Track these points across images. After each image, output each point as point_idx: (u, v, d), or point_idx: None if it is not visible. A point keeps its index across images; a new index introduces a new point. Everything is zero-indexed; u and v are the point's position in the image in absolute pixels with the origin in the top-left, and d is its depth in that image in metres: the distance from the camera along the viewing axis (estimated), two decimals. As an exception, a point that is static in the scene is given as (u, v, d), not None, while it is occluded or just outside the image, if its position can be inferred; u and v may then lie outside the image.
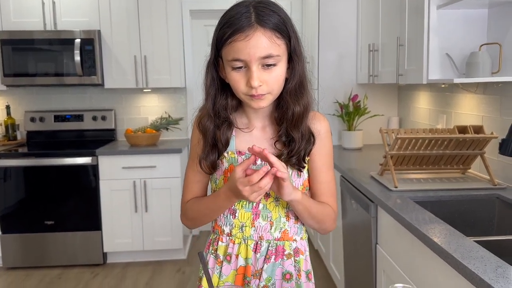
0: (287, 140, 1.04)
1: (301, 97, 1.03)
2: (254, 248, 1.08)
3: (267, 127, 1.09)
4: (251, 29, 0.93)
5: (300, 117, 1.03)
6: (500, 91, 2.08)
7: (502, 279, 1.10)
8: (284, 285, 1.09)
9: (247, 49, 0.93)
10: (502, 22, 2.03)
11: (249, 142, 1.06)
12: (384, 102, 3.41)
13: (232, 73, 0.97)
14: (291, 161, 1.04)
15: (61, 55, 3.49)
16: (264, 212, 1.07)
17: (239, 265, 1.09)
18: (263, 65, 0.95)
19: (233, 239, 1.09)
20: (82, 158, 3.40)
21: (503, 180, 2.05)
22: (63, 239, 3.46)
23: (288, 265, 1.09)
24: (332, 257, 2.99)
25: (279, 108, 1.06)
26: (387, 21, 2.74)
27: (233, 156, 1.07)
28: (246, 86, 0.96)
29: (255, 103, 0.99)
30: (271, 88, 0.98)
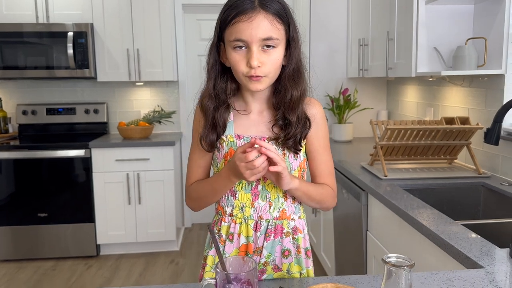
0: (284, 123, 1.10)
1: (298, 82, 1.09)
2: (254, 227, 1.14)
3: (264, 111, 1.14)
4: (254, 11, 0.98)
5: (297, 101, 1.09)
6: (485, 84, 2.16)
7: (487, 256, 1.17)
8: (283, 261, 1.15)
9: (249, 30, 0.98)
10: (487, 17, 2.11)
11: (247, 126, 1.12)
12: (373, 96, 3.49)
13: (233, 54, 1.02)
14: (288, 143, 1.09)
15: (53, 48, 3.50)
16: (263, 193, 1.13)
17: (241, 243, 1.14)
18: (263, 47, 1.01)
19: (234, 219, 1.14)
20: (75, 150, 3.42)
21: (487, 169, 2.14)
22: (56, 231, 3.48)
23: (287, 243, 1.15)
24: (323, 246, 3.07)
25: (276, 93, 1.11)
26: (377, 16, 2.82)
27: (232, 140, 1.12)
28: (246, 67, 1.01)
29: (253, 85, 1.04)
30: (269, 71, 1.03)
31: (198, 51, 4.12)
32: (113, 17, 3.58)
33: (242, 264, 0.81)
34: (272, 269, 1.15)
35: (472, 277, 1.05)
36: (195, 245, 3.84)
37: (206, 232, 4.14)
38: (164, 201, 3.55)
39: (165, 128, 4.02)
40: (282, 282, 1.06)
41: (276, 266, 1.15)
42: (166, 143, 3.51)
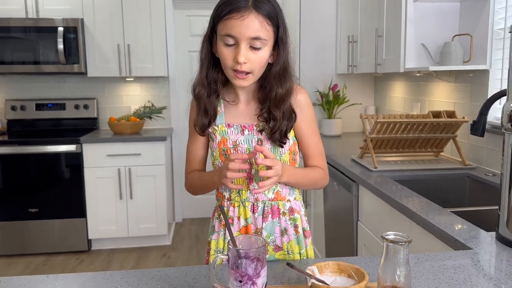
0: (269, 117, 1.17)
1: (284, 81, 1.16)
2: (252, 209, 1.20)
3: (251, 102, 1.22)
4: (247, 11, 1.04)
5: (282, 98, 1.15)
6: (470, 80, 2.25)
7: (475, 239, 1.24)
8: (283, 240, 1.22)
9: (240, 28, 1.04)
10: (473, 15, 2.19)
11: (236, 115, 1.21)
12: (361, 92, 3.56)
13: (223, 48, 1.09)
14: (274, 136, 1.16)
15: (43, 43, 3.49)
16: (256, 176, 1.19)
17: (241, 225, 1.21)
18: (251, 45, 1.07)
19: (233, 203, 1.21)
20: (66, 146, 3.43)
21: (473, 161, 2.23)
22: (47, 226, 3.48)
23: (284, 222, 1.22)
24: (314, 238, 3.13)
25: (262, 89, 1.19)
26: (366, 13, 2.88)
27: (224, 129, 1.19)
28: (233, 61, 1.08)
29: (237, 82, 1.12)
30: (253, 68, 1.10)
31: (189, 47, 4.14)
32: (104, 12, 3.59)
33: (251, 242, 0.86)
34: (273, 250, 1.22)
35: (462, 257, 1.12)
36: (187, 239, 3.87)
37: (197, 227, 4.18)
38: (155, 196, 3.58)
39: (155, 124, 4.04)
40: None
41: (277, 246, 1.22)
42: (157, 138, 3.53)
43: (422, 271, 1.04)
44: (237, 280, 0.79)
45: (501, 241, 1.22)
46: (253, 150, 1.10)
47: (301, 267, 0.95)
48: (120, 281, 1.01)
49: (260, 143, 1.18)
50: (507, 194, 1.22)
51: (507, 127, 1.21)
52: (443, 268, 1.05)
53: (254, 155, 1.08)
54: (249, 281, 0.79)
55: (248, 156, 1.09)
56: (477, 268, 1.06)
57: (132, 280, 1.01)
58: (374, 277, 0.98)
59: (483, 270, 1.05)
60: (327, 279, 0.90)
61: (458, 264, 1.08)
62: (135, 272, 1.06)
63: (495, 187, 1.88)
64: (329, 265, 0.93)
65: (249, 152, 1.17)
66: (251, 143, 1.18)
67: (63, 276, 1.04)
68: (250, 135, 1.18)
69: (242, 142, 1.18)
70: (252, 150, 1.12)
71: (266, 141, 1.18)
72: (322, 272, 0.92)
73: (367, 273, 0.87)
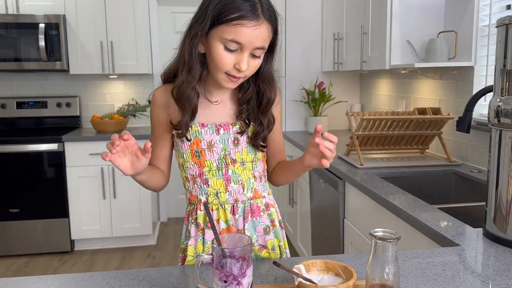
0: (247, 119, 1.14)
1: (273, 85, 1.15)
2: (232, 210, 1.16)
3: (226, 101, 1.17)
4: (260, 20, 0.99)
5: (272, 103, 1.14)
6: (455, 76, 2.25)
7: (462, 236, 1.24)
8: (266, 238, 1.20)
9: (250, 37, 0.99)
10: (458, 12, 2.20)
11: (209, 115, 1.14)
12: (347, 89, 3.56)
13: (223, 52, 1.01)
14: (257, 142, 1.15)
15: (24, 40, 3.41)
16: (234, 176, 1.15)
17: (221, 228, 1.16)
18: (252, 53, 1.03)
19: (210, 206, 1.15)
20: (48, 144, 3.36)
21: (458, 158, 2.23)
22: (29, 227, 3.41)
23: (265, 220, 1.20)
24: (300, 237, 3.12)
25: (242, 89, 1.15)
26: (351, 11, 2.88)
27: (197, 129, 1.12)
28: (233, 68, 1.02)
29: (229, 84, 1.06)
30: (249, 74, 1.07)
31: (173, 44, 4.08)
32: (86, 9, 3.52)
33: (236, 241, 0.83)
34: (258, 250, 1.19)
35: (450, 254, 1.11)
36: (172, 239, 3.83)
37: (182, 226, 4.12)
38: (140, 196, 3.52)
39: (139, 122, 3.99)
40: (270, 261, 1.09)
41: (260, 246, 1.19)
42: (141, 136, 3.46)
43: (410, 268, 1.03)
44: (222, 280, 0.77)
45: (488, 237, 1.22)
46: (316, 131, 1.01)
47: (288, 265, 0.92)
48: (101, 283, 0.97)
49: (237, 142, 1.14)
50: (495, 190, 1.21)
51: (494, 123, 1.20)
52: (431, 265, 1.04)
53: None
54: (235, 281, 0.76)
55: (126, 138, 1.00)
56: (465, 265, 1.05)
57: (113, 282, 0.98)
58: (362, 275, 0.96)
59: (471, 266, 1.05)
60: (314, 277, 0.88)
61: (446, 260, 1.07)
62: (117, 273, 1.02)
63: (481, 184, 1.88)
64: (316, 263, 0.91)
65: (224, 151, 1.13)
66: (227, 142, 1.13)
67: (44, 277, 1.00)
68: (226, 134, 1.13)
69: (217, 142, 1.13)
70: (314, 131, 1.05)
71: (243, 140, 1.15)
72: (309, 271, 0.90)
73: (355, 271, 0.86)
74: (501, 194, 1.19)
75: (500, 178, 1.19)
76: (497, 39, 1.19)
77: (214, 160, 1.13)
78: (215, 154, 1.13)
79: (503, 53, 1.17)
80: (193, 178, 1.15)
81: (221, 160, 1.13)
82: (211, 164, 1.13)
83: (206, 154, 1.12)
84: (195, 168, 1.14)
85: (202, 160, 1.13)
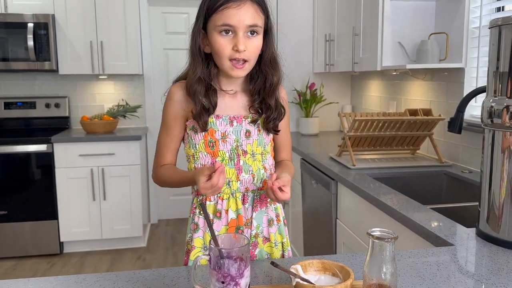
0: (261, 107, 1.20)
1: (276, 68, 1.19)
2: (242, 199, 1.19)
3: (238, 94, 1.22)
4: (242, 0, 1.06)
5: (276, 86, 1.19)
6: (446, 78, 2.27)
7: (455, 235, 1.24)
8: (270, 230, 1.23)
9: (238, 16, 1.06)
10: (448, 13, 2.22)
11: (224, 107, 1.19)
12: (338, 91, 3.57)
13: (219, 38, 1.08)
14: (269, 126, 1.20)
15: (12, 40, 3.36)
16: (245, 167, 1.19)
17: (230, 218, 1.18)
18: (247, 33, 1.08)
19: (221, 196, 1.19)
20: (37, 145, 3.31)
21: (449, 158, 2.25)
22: (16, 229, 3.36)
23: (270, 212, 1.23)
24: (292, 238, 3.12)
25: (253, 80, 1.20)
26: (343, 12, 2.89)
27: (212, 120, 1.17)
28: (232, 50, 1.08)
29: (235, 72, 1.11)
30: (250, 56, 1.11)
31: (164, 44, 4.07)
32: (76, 8, 3.49)
33: (233, 241, 0.82)
34: (262, 241, 1.21)
35: (444, 253, 1.12)
36: (162, 241, 3.80)
37: (173, 228, 4.11)
38: (130, 197, 3.49)
39: (130, 123, 3.96)
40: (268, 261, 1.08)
41: (264, 238, 1.22)
42: (132, 137, 3.45)
43: (406, 268, 1.03)
44: (219, 281, 0.76)
45: (481, 237, 1.22)
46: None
47: (285, 266, 0.92)
48: (94, 285, 0.96)
49: (248, 135, 1.19)
50: (488, 190, 1.22)
51: (487, 123, 1.21)
52: (426, 264, 1.05)
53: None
54: (232, 282, 0.75)
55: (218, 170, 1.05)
56: (459, 264, 1.05)
57: (107, 283, 0.96)
58: (358, 275, 0.96)
59: (465, 266, 1.05)
60: (311, 278, 0.88)
61: (440, 260, 1.07)
62: (110, 274, 1.01)
63: (472, 184, 1.90)
64: (313, 264, 0.90)
65: (237, 142, 1.18)
66: (239, 134, 1.19)
67: (34, 280, 0.98)
68: (238, 126, 1.18)
69: (230, 133, 1.18)
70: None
71: (254, 132, 1.20)
72: (306, 271, 0.89)
73: (352, 271, 0.85)
74: (494, 194, 1.20)
75: (493, 178, 1.20)
76: (490, 41, 1.20)
77: (227, 151, 1.17)
78: (228, 145, 1.17)
79: (496, 55, 1.18)
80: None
81: (233, 150, 1.18)
82: (224, 154, 1.17)
83: (220, 145, 1.17)
84: (207, 158, 1.18)
85: (216, 150, 1.17)
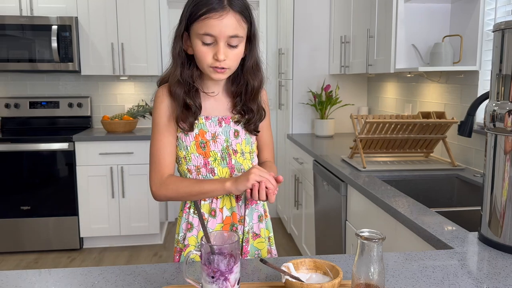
0: (243, 109, 1.23)
1: (257, 74, 1.22)
2: (236, 197, 1.24)
3: (221, 95, 1.25)
4: (224, 10, 1.07)
5: (257, 91, 1.23)
6: (461, 81, 2.25)
7: (457, 239, 1.25)
8: (260, 226, 1.28)
9: (219, 27, 1.07)
10: (463, 16, 2.20)
11: (212, 109, 1.22)
12: (354, 93, 3.57)
13: (201, 47, 1.10)
14: (250, 128, 1.24)
15: (37, 41, 3.49)
16: (237, 165, 1.23)
17: (224, 216, 1.22)
18: (228, 43, 1.10)
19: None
20: (59, 143, 3.42)
21: (462, 162, 2.23)
22: (39, 224, 3.48)
23: (260, 208, 1.28)
24: (304, 239, 3.13)
25: (235, 83, 1.23)
26: (358, 14, 2.89)
27: (202, 121, 1.20)
28: (212, 59, 1.10)
29: (216, 75, 1.14)
30: (231, 64, 1.13)
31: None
32: (98, 11, 3.59)
33: (225, 239, 0.85)
34: (252, 237, 1.25)
35: (441, 256, 1.12)
36: (179, 238, 3.86)
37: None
38: (147, 195, 3.57)
39: (149, 123, 4.03)
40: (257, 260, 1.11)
41: (254, 233, 1.26)
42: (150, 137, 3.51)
43: (400, 269, 1.04)
44: (209, 276, 0.79)
45: (483, 241, 1.22)
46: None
47: (277, 263, 0.95)
48: (98, 277, 1.01)
49: (237, 134, 1.23)
50: (490, 194, 1.22)
51: (490, 127, 1.21)
52: (422, 267, 1.05)
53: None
54: (222, 277, 0.79)
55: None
56: (455, 267, 1.06)
57: (110, 276, 1.01)
58: (350, 274, 0.98)
59: (463, 269, 1.05)
60: (302, 276, 0.90)
61: (437, 263, 1.08)
62: (114, 268, 1.05)
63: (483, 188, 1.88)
64: (305, 262, 0.93)
65: (227, 142, 1.22)
66: (228, 134, 1.22)
67: (44, 271, 1.04)
68: (227, 127, 1.22)
69: (220, 134, 1.21)
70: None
71: (242, 132, 1.24)
72: (298, 269, 0.92)
73: (342, 270, 0.87)
74: (495, 198, 1.20)
75: (495, 182, 1.20)
76: (493, 44, 1.20)
77: (219, 151, 1.20)
78: (219, 145, 1.21)
79: (499, 58, 1.18)
80: (197, 168, 1.20)
81: (224, 150, 1.21)
82: (215, 154, 1.20)
83: (211, 145, 1.20)
84: (199, 159, 1.20)
85: (207, 151, 1.20)
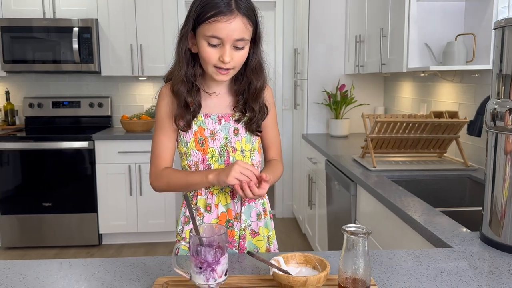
0: (244, 108, 1.24)
1: (260, 74, 1.24)
2: (231, 194, 1.25)
3: (225, 94, 1.27)
4: (232, 14, 1.09)
5: (260, 91, 1.24)
6: (475, 80, 2.22)
7: (457, 238, 1.24)
8: (259, 224, 1.29)
9: (227, 31, 1.09)
10: (476, 14, 2.16)
11: (211, 106, 1.25)
12: (371, 92, 3.55)
13: (207, 48, 1.12)
14: (252, 127, 1.25)
15: (59, 43, 3.60)
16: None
17: (220, 212, 1.25)
18: (234, 45, 1.13)
19: (211, 191, 1.25)
20: (79, 142, 3.52)
21: (475, 162, 2.20)
22: (60, 220, 3.58)
23: (258, 207, 1.29)
24: (318, 239, 3.14)
25: (238, 82, 1.25)
26: (372, 13, 2.88)
27: (201, 119, 1.23)
28: (218, 60, 1.13)
29: (220, 77, 1.16)
30: (236, 65, 1.16)
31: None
32: (117, 13, 3.68)
33: (215, 232, 0.88)
34: (250, 234, 1.27)
35: (438, 254, 1.12)
36: (195, 236, 3.92)
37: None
38: (164, 193, 3.63)
39: (167, 122, 4.10)
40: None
41: (253, 231, 1.27)
42: (167, 136, 3.58)
43: (394, 266, 1.05)
44: (197, 266, 0.82)
45: (484, 241, 1.22)
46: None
47: (268, 258, 0.97)
48: (99, 268, 1.05)
49: (237, 132, 1.24)
50: (490, 194, 1.21)
51: (490, 126, 1.20)
52: (417, 264, 1.06)
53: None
54: (209, 268, 0.81)
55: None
56: (450, 266, 1.06)
57: (110, 267, 1.05)
58: (342, 270, 0.99)
59: (456, 267, 1.05)
60: (292, 269, 0.92)
61: (433, 260, 1.08)
62: (114, 260, 1.10)
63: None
64: (296, 256, 0.95)
65: (226, 140, 1.23)
66: (228, 132, 1.24)
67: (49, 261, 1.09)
68: (226, 125, 1.24)
69: (219, 131, 1.23)
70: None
71: (242, 130, 1.25)
72: (288, 263, 0.94)
73: (329, 264, 0.89)
74: (496, 197, 1.19)
75: (496, 182, 1.19)
76: (494, 43, 1.19)
77: (217, 148, 1.23)
78: (217, 142, 1.23)
79: (499, 57, 1.17)
80: (195, 164, 1.24)
81: (222, 148, 1.23)
82: (213, 151, 1.23)
83: (209, 142, 1.22)
84: (198, 155, 1.23)
85: (206, 148, 1.22)
